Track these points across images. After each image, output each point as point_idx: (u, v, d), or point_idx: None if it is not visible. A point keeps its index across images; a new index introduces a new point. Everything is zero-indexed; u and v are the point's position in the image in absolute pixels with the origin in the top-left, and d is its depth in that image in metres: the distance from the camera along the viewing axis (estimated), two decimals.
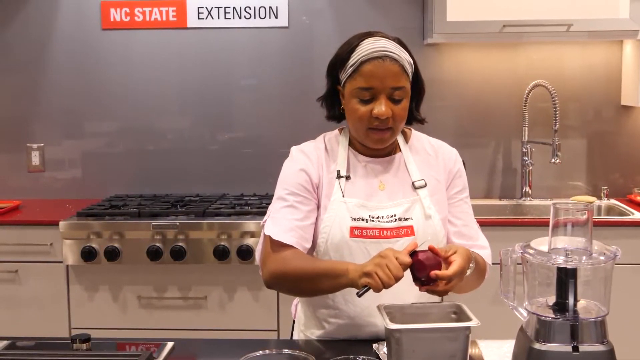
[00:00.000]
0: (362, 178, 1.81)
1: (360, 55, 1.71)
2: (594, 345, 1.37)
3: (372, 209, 1.77)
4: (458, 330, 1.43)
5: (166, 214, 3.15)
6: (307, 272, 1.68)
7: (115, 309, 3.13)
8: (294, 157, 1.83)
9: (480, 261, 1.77)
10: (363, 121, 1.73)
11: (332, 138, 1.87)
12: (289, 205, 1.77)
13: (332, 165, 1.82)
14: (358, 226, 1.75)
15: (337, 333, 1.80)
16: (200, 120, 3.67)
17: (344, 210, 1.76)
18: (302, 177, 1.79)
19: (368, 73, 1.70)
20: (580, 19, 3.20)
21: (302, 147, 1.86)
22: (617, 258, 1.40)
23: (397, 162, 1.83)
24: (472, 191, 3.48)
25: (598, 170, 3.61)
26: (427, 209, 1.78)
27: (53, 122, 3.69)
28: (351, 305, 1.77)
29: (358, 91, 1.72)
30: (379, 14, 3.54)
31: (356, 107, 1.73)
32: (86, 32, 3.61)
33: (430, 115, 3.53)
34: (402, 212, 1.77)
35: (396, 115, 1.72)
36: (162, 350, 1.67)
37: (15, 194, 3.67)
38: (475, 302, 1.82)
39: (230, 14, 3.56)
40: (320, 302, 1.81)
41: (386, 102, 1.71)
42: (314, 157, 1.82)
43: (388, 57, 1.70)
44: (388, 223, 1.75)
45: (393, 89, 1.71)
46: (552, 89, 3.35)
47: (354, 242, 1.74)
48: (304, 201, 1.78)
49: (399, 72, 1.71)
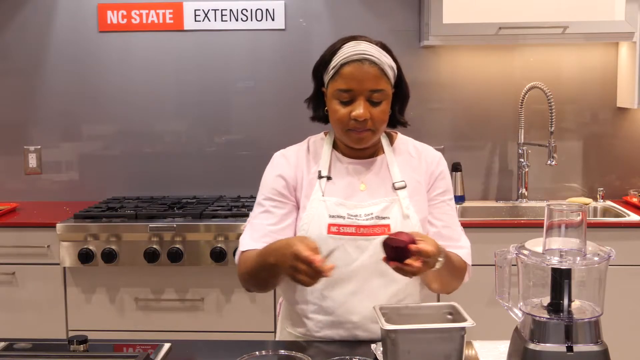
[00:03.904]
0: (343, 178, 1.85)
1: (341, 57, 1.77)
2: (588, 345, 1.37)
3: (351, 207, 1.81)
4: (453, 331, 1.43)
5: (163, 216, 3.16)
6: (255, 268, 1.76)
7: (112, 310, 3.13)
8: (273, 163, 1.91)
9: (455, 259, 1.81)
10: (342, 122, 1.78)
11: (317, 140, 1.93)
12: (265, 211, 1.86)
13: (313, 166, 1.87)
14: (335, 223, 1.79)
15: (318, 330, 1.82)
16: (197, 122, 3.68)
17: (323, 209, 1.81)
18: (279, 183, 1.86)
19: (347, 75, 1.75)
20: (576, 21, 3.21)
21: (284, 152, 1.93)
22: (611, 259, 1.40)
23: (380, 163, 1.88)
24: (468, 193, 3.55)
25: (594, 172, 3.62)
26: (406, 209, 1.81)
27: (50, 125, 3.69)
28: (329, 301, 1.80)
29: (338, 93, 1.77)
30: (376, 17, 3.55)
31: (336, 108, 1.78)
32: (83, 35, 3.62)
33: (427, 117, 3.60)
34: (379, 210, 1.81)
35: (375, 118, 1.77)
36: (159, 351, 1.68)
37: (13, 197, 3.67)
38: (471, 303, 1.83)
39: (227, 17, 3.57)
40: (300, 297, 1.84)
41: (365, 105, 1.76)
42: (293, 161, 1.88)
43: (367, 60, 1.75)
44: (365, 221, 1.79)
45: (372, 91, 1.76)
46: (548, 91, 3.36)
47: (331, 238, 1.78)
48: (279, 205, 1.85)
49: (378, 75, 1.76)
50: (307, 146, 1.92)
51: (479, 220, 3.22)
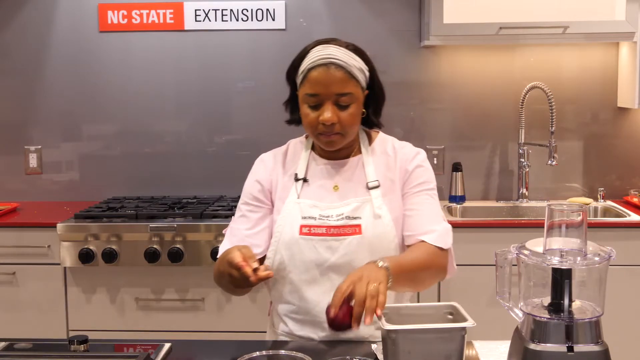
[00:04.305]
0: (318, 180, 1.87)
1: (308, 62, 1.78)
2: (589, 345, 1.37)
3: (324, 208, 1.82)
4: (454, 331, 1.43)
5: (163, 216, 3.16)
6: (217, 276, 1.81)
7: (112, 310, 3.13)
8: (253, 168, 1.96)
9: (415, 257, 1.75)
10: (312, 126, 1.80)
11: (297, 143, 1.96)
12: (242, 215, 1.90)
13: (291, 169, 1.90)
14: (307, 224, 1.81)
15: (298, 329, 1.84)
16: (198, 122, 3.68)
17: (297, 211, 1.83)
18: (255, 187, 1.90)
19: (313, 80, 1.77)
20: (577, 21, 3.21)
21: (263, 156, 1.97)
22: (612, 259, 1.40)
23: (355, 164, 1.88)
24: (469, 193, 3.55)
25: (594, 172, 3.62)
26: (377, 209, 1.81)
27: (50, 125, 3.69)
28: (304, 301, 1.82)
29: (306, 97, 1.79)
30: (376, 17, 3.55)
31: (306, 113, 1.80)
32: (83, 35, 3.62)
33: (427, 117, 3.60)
34: (350, 211, 1.81)
35: (343, 121, 1.77)
36: (160, 351, 1.68)
37: (13, 196, 3.67)
38: (471, 303, 1.83)
39: (227, 17, 3.57)
40: (281, 297, 1.87)
41: (332, 109, 1.76)
42: (270, 164, 1.93)
43: (333, 64, 1.75)
44: (336, 221, 1.80)
45: (339, 95, 1.76)
46: (548, 91, 3.36)
47: (303, 239, 1.80)
48: (254, 209, 1.89)
49: (345, 78, 1.76)
50: (286, 149, 1.96)
51: (479, 220, 3.22)
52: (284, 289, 1.85)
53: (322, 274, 1.81)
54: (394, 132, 3.61)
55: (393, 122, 3.52)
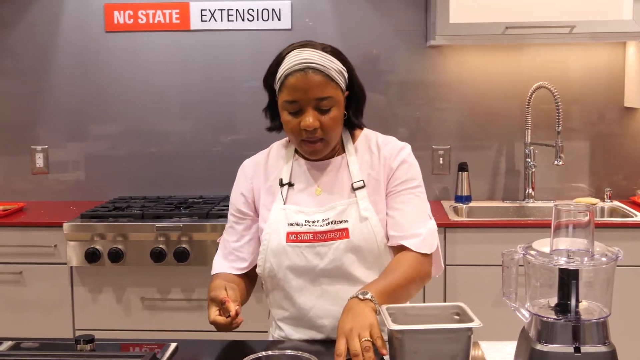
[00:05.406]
0: (302, 184, 1.84)
1: (285, 68, 1.74)
2: (596, 346, 1.37)
3: (310, 213, 1.80)
4: (460, 331, 1.43)
5: (169, 216, 3.16)
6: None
7: (118, 310, 3.14)
8: (237, 178, 1.96)
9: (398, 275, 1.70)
10: (295, 133, 1.77)
11: (280, 146, 1.94)
12: (230, 227, 1.92)
13: (273, 173, 1.88)
14: (294, 231, 1.79)
15: (296, 334, 1.85)
16: (204, 122, 3.68)
17: (283, 217, 1.80)
18: (239, 200, 1.90)
19: (291, 86, 1.72)
20: (583, 21, 3.20)
21: (244, 163, 1.97)
22: (619, 259, 1.40)
23: (339, 164, 1.84)
24: (475, 193, 3.54)
25: (601, 172, 3.61)
26: (363, 211, 1.78)
27: (57, 125, 3.70)
28: (297, 306, 1.82)
29: (285, 104, 1.75)
30: (382, 16, 3.55)
31: (287, 119, 1.77)
32: (90, 35, 3.63)
33: (433, 117, 3.59)
34: (336, 214, 1.78)
35: (325, 125, 1.74)
36: (166, 351, 1.68)
37: (20, 196, 3.68)
38: (478, 304, 1.82)
39: (233, 17, 3.57)
40: (274, 302, 1.88)
41: (313, 114, 1.73)
42: (250, 173, 1.92)
43: (310, 69, 1.71)
44: (322, 226, 1.78)
45: (319, 99, 1.72)
46: (555, 91, 3.35)
47: (290, 247, 1.78)
48: (238, 221, 1.90)
49: (324, 82, 1.72)
50: (268, 153, 1.94)
51: (485, 220, 3.22)
52: (278, 296, 1.85)
53: (313, 280, 1.79)
54: (399, 132, 3.63)
55: (399, 122, 3.52)
